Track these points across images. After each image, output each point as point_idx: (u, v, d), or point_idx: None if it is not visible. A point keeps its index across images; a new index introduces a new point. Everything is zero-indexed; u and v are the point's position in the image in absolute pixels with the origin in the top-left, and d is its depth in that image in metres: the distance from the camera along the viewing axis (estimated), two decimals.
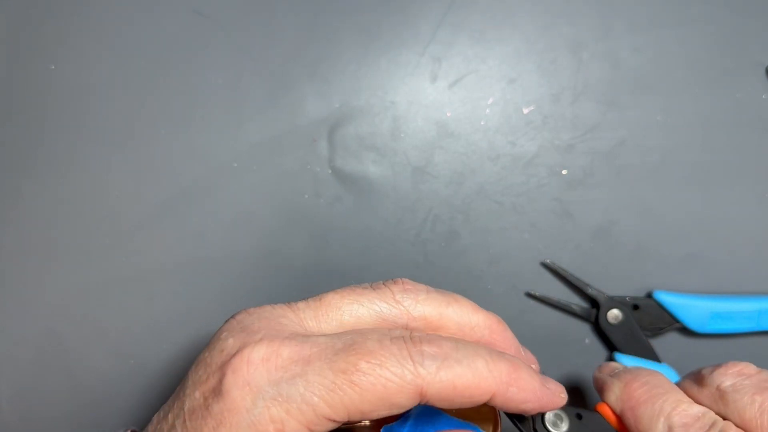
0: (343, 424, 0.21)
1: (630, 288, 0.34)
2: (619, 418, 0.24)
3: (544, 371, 0.25)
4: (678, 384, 0.25)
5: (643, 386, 0.24)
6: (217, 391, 0.21)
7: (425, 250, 0.35)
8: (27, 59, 0.36)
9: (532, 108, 0.35)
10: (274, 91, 0.35)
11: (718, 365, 0.24)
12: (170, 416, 0.22)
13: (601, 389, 0.26)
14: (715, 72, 0.34)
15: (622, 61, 0.35)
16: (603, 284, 0.34)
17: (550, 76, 0.35)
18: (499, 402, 0.22)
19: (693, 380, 0.24)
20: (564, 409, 0.25)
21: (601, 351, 0.35)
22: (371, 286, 0.24)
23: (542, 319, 0.34)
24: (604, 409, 0.25)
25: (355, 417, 0.21)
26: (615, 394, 0.25)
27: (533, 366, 0.25)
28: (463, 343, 0.22)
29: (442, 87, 0.35)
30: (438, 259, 0.35)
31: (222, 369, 0.21)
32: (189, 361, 0.31)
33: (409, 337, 0.21)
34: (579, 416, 0.25)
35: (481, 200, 0.35)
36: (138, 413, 0.35)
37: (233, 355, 0.21)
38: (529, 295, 0.34)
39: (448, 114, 0.35)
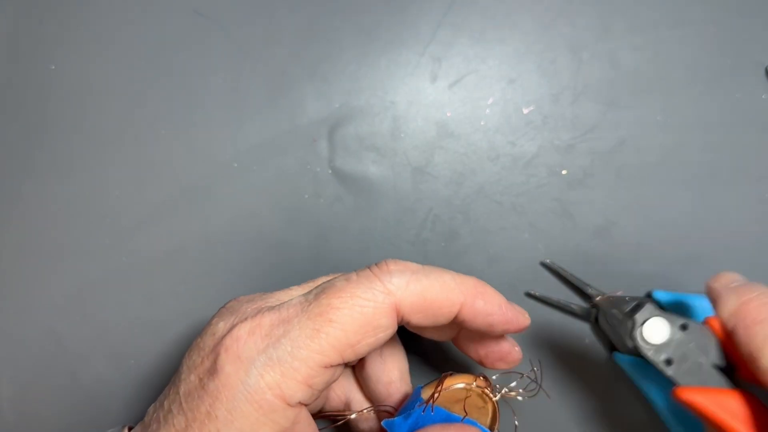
0: (343, 365, 0.22)
1: (629, 287, 0.34)
2: (729, 333, 0.23)
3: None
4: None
5: (764, 305, 0.23)
6: (212, 371, 0.21)
7: (425, 250, 0.35)
8: (27, 59, 0.36)
9: (532, 108, 0.35)
10: (274, 91, 0.35)
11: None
12: (166, 403, 0.22)
13: (715, 301, 0.25)
14: (715, 72, 0.34)
15: (621, 61, 0.35)
16: (603, 284, 0.34)
17: (550, 76, 0.35)
18: (467, 314, 0.23)
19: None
20: (668, 317, 0.24)
21: (601, 351, 0.35)
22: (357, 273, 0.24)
23: (542, 319, 0.34)
24: (713, 323, 0.24)
25: (348, 354, 0.21)
26: (729, 309, 0.24)
27: (522, 316, 0.26)
28: (425, 265, 0.23)
29: (442, 87, 0.35)
30: (438, 259, 0.35)
31: (215, 350, 0.21)
32: None
33: (375, 266, 0.23)
34: (684, 327, 0.24)
35: (481, 200, 0.35)
36: (138, 412, 0.35)
37: (224, 336, 0.22)
38: (529, 295, 0.34)
39: (448, 114, 0.35)
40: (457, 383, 0.26)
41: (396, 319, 0.22)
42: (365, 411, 0.27)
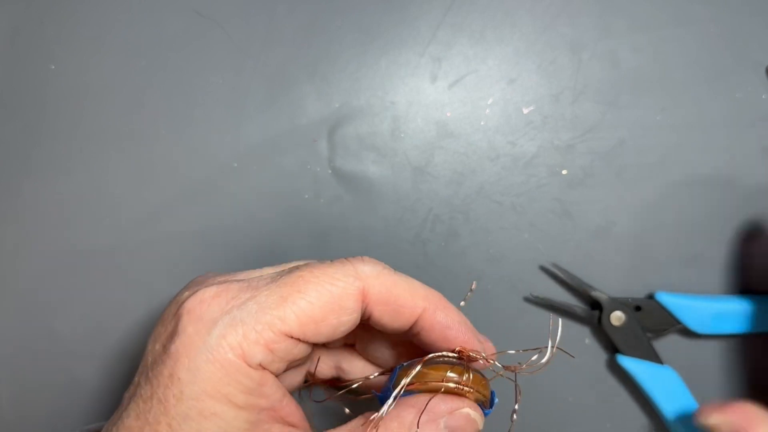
0: (302, 341, 0.22)
1: (629, 288, 0.34)
2: None
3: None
4: None
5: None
6: (174, 333, 0.21)
7: (425, 250, 0.35)
8: (27, 59, 0.36)
9: (532, 108, 0.35)
10: (274, 91, 0.35)
11: None
12: (136, 378, 0.23)
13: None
14: (715, 72, 0.34)
15: (621, 61, 0.35)
16: (602, 284, 0.34)
17: (550, 76, 0.35)
18: (426, 322, 0.24)
19: None
20: None
21: (601, 351, 0.35)
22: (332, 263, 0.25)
23: (542, 319, 0.34)
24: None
25: (309, 330, 0.21)
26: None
27: (478, 342, 0.26)
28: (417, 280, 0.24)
29: (442, 87, 0.35)
30: (438, 259, 0.35)
31: (177, 314, 0.22)
32: None
33: (364, 274, 0.23)
34: None
35: (481, 200, 0.35)
36: None
37: (187, 299, 0.22)
38: (529, 300, 0.34)
39: (448, 114, 0.35)
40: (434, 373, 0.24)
41: (361, 306, 0.23)
42: (373, 377, 0.27)
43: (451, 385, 0.23)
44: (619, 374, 0.34)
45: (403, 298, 0.23)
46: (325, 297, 0.22)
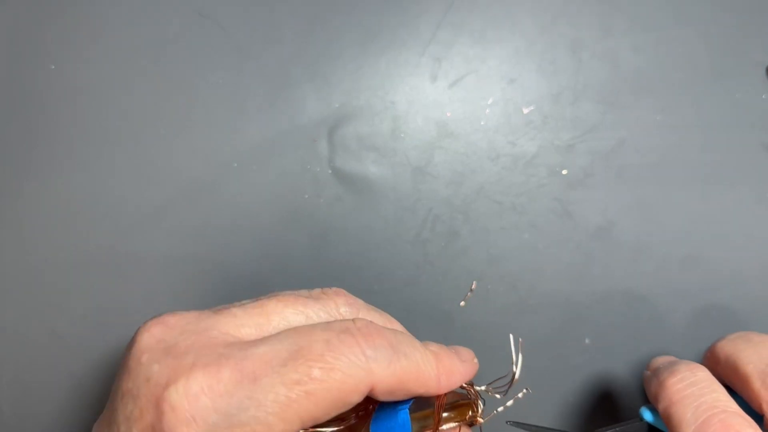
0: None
1: (629, 288, 0.34)
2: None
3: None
4: (722, 353, 0.24)
5: (678, 384, 0.23)
6: (159, 431, 0.18)
7: (425, 250, 0.35)
8: (27, 59, 0.36)
9: (532, 108, 0.35)
10: (274, 91, 0.35)
11: None
12: None
13: (645, 388, 0.25)
14: (715, 72, 0.34)
15: (621, 61, 0.35)
16: (602, 284, 0.34)
17: (550, 76, 0.35)
18: (432, 390, 0.22)
19: (757, 372, 0.23)
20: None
21: (601, 351, 0.35)
22: (312, 295, 0.23)
23: (542, 318, 0.34)
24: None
25: (307, 424, 0.20)
26: (651, 393, 0.24)
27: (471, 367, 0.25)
28: (397, 332, 0.22)
29: (442, 87, 0.35)
30: (438, 259, 0.35)
31: (158, 406, 0.19)
32: None
33: (356, 329, 0.21)
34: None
35: (481, 200, 0.35)
36: None
37: (165, 388, 0.19)
38: (513, 423, 0.31)
39: (448, 114, 0.35)
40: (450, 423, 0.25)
41: (364, 396, 0.21)
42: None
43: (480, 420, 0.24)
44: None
45: (411, 384, 0.21)
46: (333, 396, 0.20)
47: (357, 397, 0.20)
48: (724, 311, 0.34)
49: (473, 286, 0.34)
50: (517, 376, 0.26)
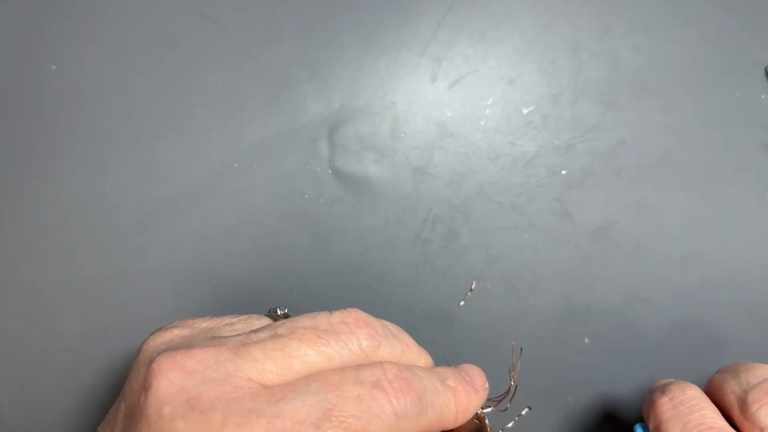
0: None
1: (629, 288, 0.34)
2: None
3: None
4: (716, 382, 0.24)
5: (669, 402, 0.24)
6: None
7: (425, 250, 0.35)
8: (27, 59, 0.36)
9: (531, 108, 0.35)
10: (274, 91, 0.35)
11: (763, 388, 0.23)
12: None
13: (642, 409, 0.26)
14: (715, 72, 0.34)
15: (621, 61, 0.35)
16: (602, 284, 0.34)
17: (549, 76, 0.35)
18: (449, 428, 0.23)
19: (736, 401, 0.23)
20: None
21: (601, 351, 0.35)
22: (333, 328, 0.22)
23: (542, 318, 0.34)
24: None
25: None
26: (645, 413, 0.25)
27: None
28: (422, 377, 0.22)
29: (442, 87, 0.35)
30: (438, 259, 0.35)
31: None
32: None
33: (387, 381, 0.20)
34: None
35: (481, 200, 0.35)
36: None
37: (180, 415, 0.18)
38: None
39: (448, 114, 0.35)
40: None
41: None
42: None
43: None
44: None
45: (433, 429, 0.22)
46: None
47: None
48: (724, 311, 0.34)
49: (473, 286, 0.34)
50: (513, 384, 0.26)
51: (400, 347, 0.23)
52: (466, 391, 0.23)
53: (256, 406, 0.18)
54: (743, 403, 0.23)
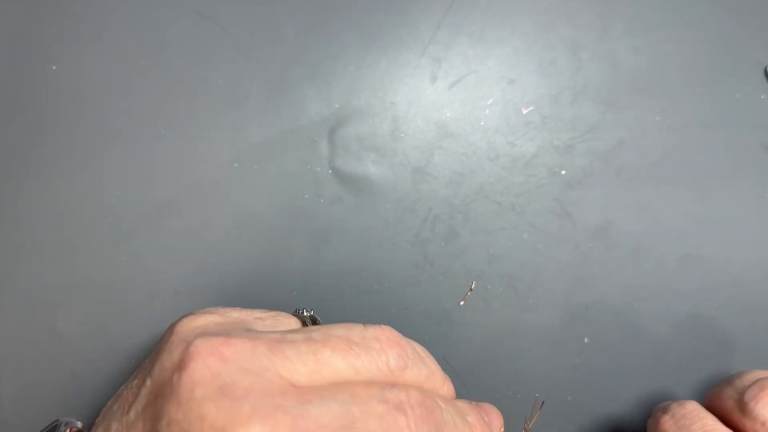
0: None
1: (628, 287, 0.34)
2: None
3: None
4: (714, 394, 0.25)
5: (670, 419, 0.25)
6: None
7: (425, 250, 0.35)
8: (28, 59, 0.36)
9: (531, 108, 0.35)
10: (274, 91, 0.35)
11: (762, 386, 0.23)
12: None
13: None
14: (714, 72, 0.34)
15: (621, 61, 0.35)
16: (601, 284, 0.34)
17: (549, 76, 0.35)
18: None
19: (735, 404, 0.24)
20: None
21: (600, 351, 0.35)
22: (365, 342, 0.22)
23: (542, 318, 0.34)
24: None
25: None
26: (650, 428, 0.26)
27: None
28: (443, 408, 0.22)
29: (442, 87, 0.35)
30: (438, 259, 0.35)
31: None
32: None
33: (410, 407, 0.21)
34: None
35: (481, 200, 0.35)
36: None
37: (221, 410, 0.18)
38: None
39: (448, 114, 0.35)
40: None
41: None
42: None
43: None
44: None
45: None
46: None
47: None
48: (723, 311, 0.34)
49: (473, 286, 0.34)
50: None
51: (425, 372, 0.24)
52: (483, 430, 0.24)
53: (284, 402, 0.19)
54: (741, 404, 0.24)
